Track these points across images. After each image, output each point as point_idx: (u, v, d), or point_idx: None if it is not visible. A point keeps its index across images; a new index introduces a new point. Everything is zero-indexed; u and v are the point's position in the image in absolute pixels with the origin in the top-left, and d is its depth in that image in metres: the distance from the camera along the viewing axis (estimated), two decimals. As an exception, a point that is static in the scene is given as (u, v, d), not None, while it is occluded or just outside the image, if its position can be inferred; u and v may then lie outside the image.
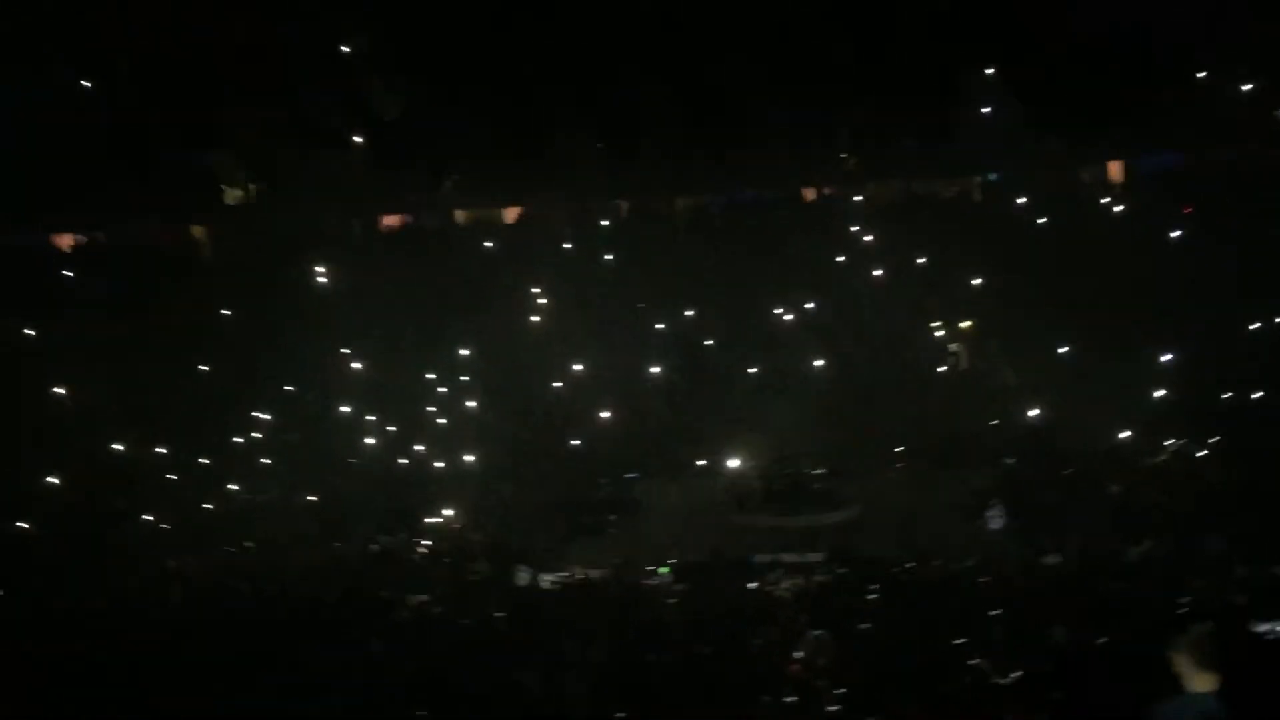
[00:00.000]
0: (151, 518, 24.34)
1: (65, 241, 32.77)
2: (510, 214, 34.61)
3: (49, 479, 23.60)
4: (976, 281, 28.76)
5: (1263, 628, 13.28)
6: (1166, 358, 25.11)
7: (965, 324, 30.40)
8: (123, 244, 32.43)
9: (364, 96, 33.73)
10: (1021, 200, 30.66)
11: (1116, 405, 25.18)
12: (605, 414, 27.02)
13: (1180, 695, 5.17)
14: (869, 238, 30.60)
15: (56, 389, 25.95)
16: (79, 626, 17.68)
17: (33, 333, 27.56)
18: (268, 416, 27.89)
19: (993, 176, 32.90)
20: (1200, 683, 5.14)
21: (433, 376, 28.87)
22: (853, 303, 29.27)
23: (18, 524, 23.03)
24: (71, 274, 30.79)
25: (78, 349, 26.72)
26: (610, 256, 31.19)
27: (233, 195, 33.29)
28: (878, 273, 29.71)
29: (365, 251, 32.58)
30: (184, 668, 15.31)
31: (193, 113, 31.53)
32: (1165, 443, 25.34)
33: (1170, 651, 5.53)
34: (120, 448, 25.66)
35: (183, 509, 25.14)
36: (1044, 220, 29.50)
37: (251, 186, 33.20)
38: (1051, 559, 19.79)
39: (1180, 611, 14.20)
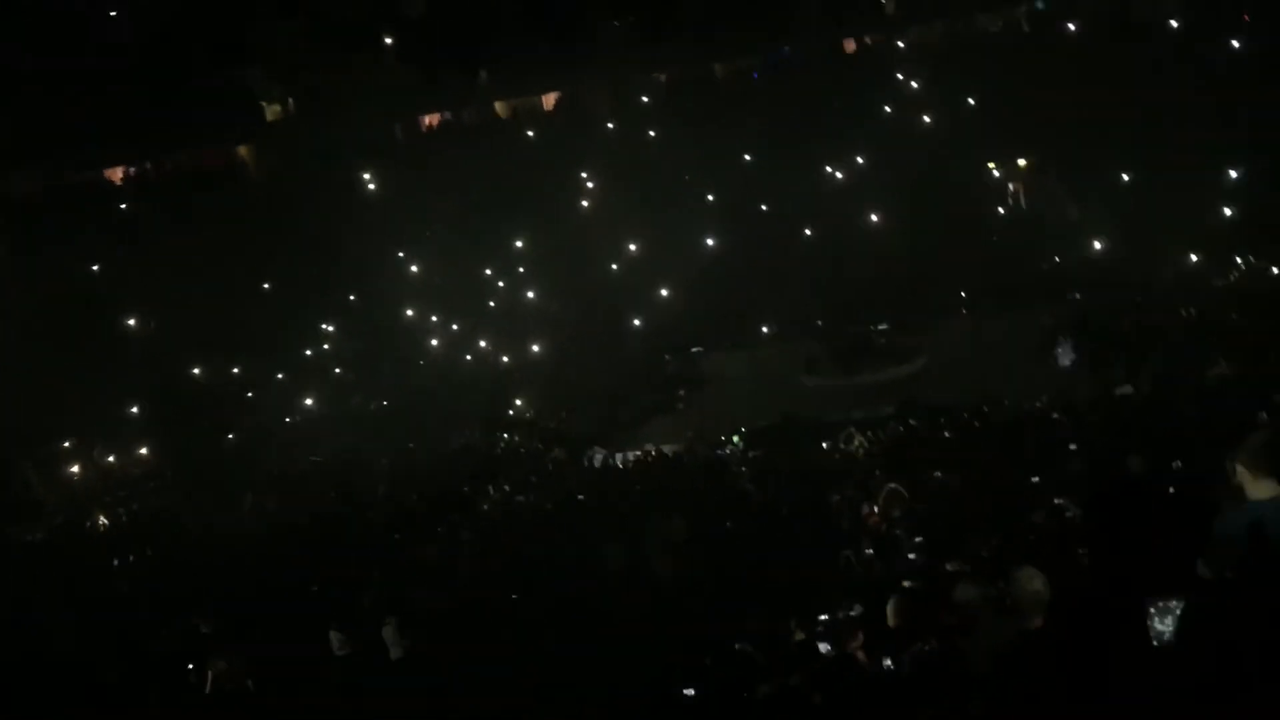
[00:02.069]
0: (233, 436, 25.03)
1: (116, 175, 33.19)
2: (549, 100, 34.28)
3: (132, 409, 24.31)
4: (1029, 116, 27.95)
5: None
6: (1234, 174, 24.34)
7: (1022, 161, 29.62)
8: (172, 171, 32.76)
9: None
10: (1072, 26, 29.61)
11: (1184, 228, 24.47)
12: (664, 291, 26.97)
13: (1239, 505, 5.16)
14: (915, 83, 29.84)
15: (129, 320, 26.53)
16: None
17: (97, 268, 28.13)
18: (333, 329, 28.38)
19: (1040, 4, 31.77)
20: (1258, 490, 5.10)
21: (490, 271, 29.04)
22: (904, 152, 28.63)
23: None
24: (125, 206, 31.28)
25: (142, 279, 27.25)
26: (654, 133, 30.82)
27: (272, 111, 33.30)
28: (927, 118, 29.05)
29: (409, 154, 32.56)
30: (284, 577, 15.97)
31: (223, 32, 31.43)
32: (1236, 260, 24.67)
33: (1228, 462, 5.50)
34: (198, 371, 26.36)
35: (264, 425, 25.81)
36: (1096, 45, 28.43)
37: (290, 100, 33.18)
38: (1124, 390, 19.57)
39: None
